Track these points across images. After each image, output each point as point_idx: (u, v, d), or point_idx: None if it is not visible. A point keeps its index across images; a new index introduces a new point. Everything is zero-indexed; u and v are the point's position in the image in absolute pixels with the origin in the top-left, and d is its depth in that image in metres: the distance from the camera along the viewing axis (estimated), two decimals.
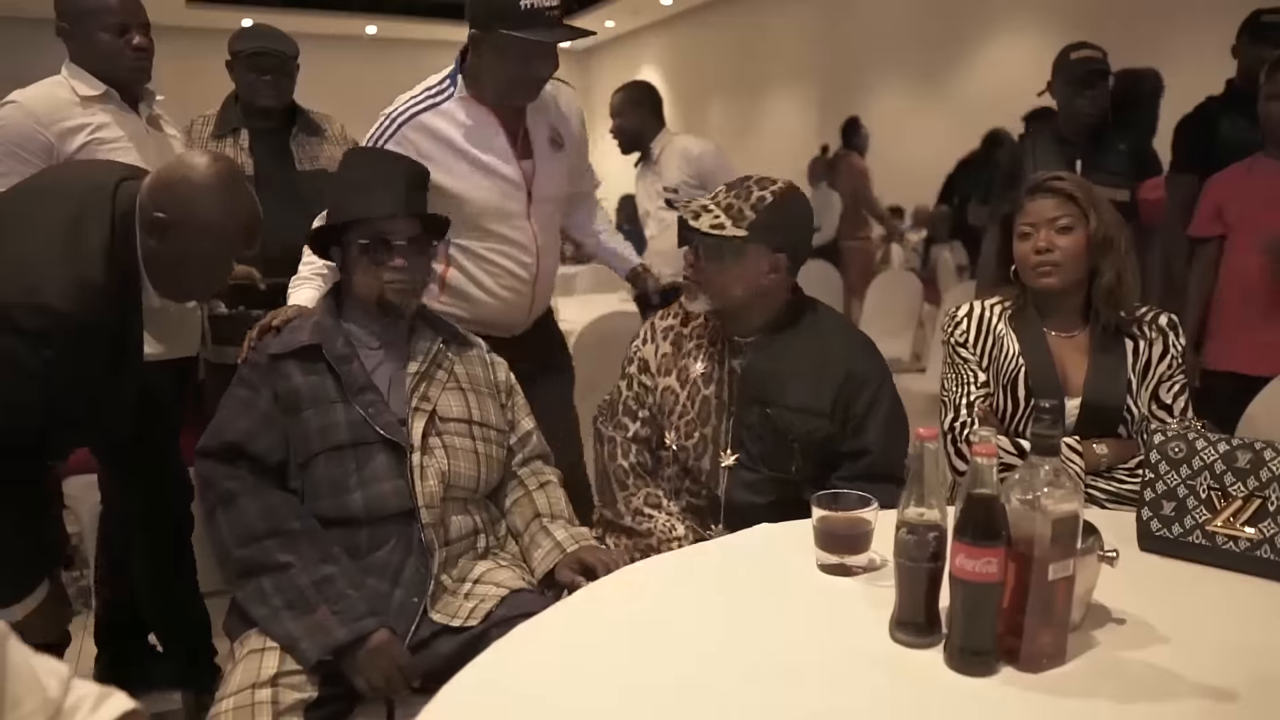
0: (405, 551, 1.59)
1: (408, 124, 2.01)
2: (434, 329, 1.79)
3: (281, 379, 1.63)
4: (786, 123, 10.93)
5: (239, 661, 1.47)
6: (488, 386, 1.80)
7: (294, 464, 1.60)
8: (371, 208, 1.69)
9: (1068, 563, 1.08)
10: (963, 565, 1.06)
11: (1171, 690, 1.05)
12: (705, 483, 1.78)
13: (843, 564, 1.35)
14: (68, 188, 1.70)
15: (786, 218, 1.74)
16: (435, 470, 1.63)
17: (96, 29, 2.17)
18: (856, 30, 9.93)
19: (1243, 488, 1.38)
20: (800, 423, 1.73)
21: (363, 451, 1.60)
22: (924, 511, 1.12)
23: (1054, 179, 1.86)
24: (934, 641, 1.13)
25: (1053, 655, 1.10)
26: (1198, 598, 1.31)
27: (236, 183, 1.71)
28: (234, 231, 1.69)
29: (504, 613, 1.54)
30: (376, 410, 1.62)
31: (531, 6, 1.88)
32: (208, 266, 1.73)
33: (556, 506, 1.78)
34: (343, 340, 1.68)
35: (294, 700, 1.41)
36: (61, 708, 0.82)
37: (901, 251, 7.39)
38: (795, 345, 1.77)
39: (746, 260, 1.72)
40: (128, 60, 2.20)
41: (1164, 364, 1.84)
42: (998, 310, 1.94)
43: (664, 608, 1.27)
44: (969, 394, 1.89)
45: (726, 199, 1.74)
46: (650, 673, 1.09)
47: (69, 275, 1.55)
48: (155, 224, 1.63)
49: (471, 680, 1.07)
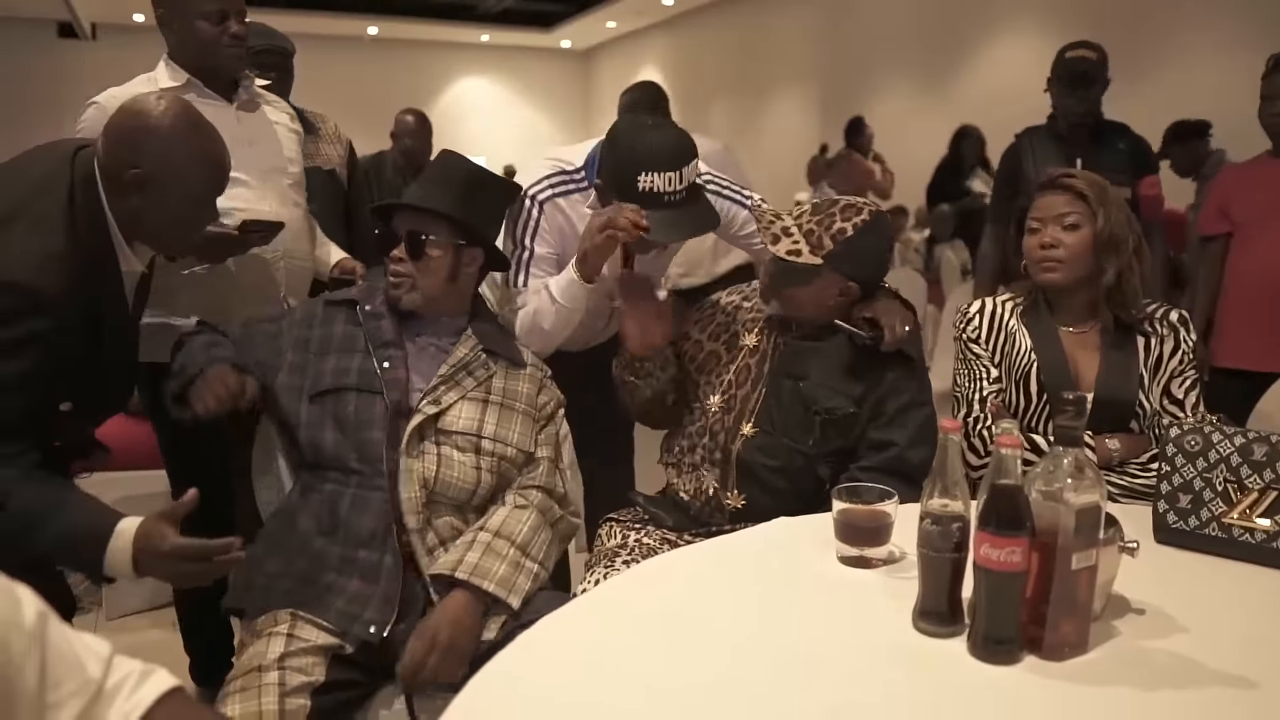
0: (381, 549, 1.58)
1: (549, 202, 1.97)
2: (480, 338, 1.77)
3: (325, 323, 1.74)
4: (788, 123, 10.94)
5: (248, 645, 1.49)
6: (527, 404, 1.76)
7: (305, 395, 1.67)
8: (404, 195, 1.76)
9: (1091, 553, 1.09)
10: (987, 555, 1.07)
11: (1193, 679, 1.06)
12: (722, 440, 1.80)
13: (863, 556, 1.36)
14: (27, 166, 1.64)
15: (864, 251, 1.74)
16: (417, 475, 1.62)
17: (195, 17, 2.12)
18: (858, 30, 9.94)
19: (1259, 480, 1.39)
20: (825, 397, 1.74)
21: (364, 398, 1.66)
22: (948, 503, 1.13)
23: (1067, 175, 1.87)
24: (957, 631, 1.14)
25: (1075, 644, 1.11)
26: (1215, 589, 1.33)
27: (196, 117, 1.65)
28: (214, 171, 1.65)
29: (525, 619, 1.53)
30: (392, 365, 1.68)
31: (650, 190, 1.75)
32: (197, 209, 1.67)
33: (507, 527, 1.64)
34: (381, 300, 1.75)
35: (300, 682, 1.42)
36: (103, 688, 0.82)
37: (904, 251, 7.39)
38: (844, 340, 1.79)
39: (818, 285, 1.73)
40: (225, 48, 2.15)
41: (1175, 359, 1.86)
42: (1009, 306, 1.95)
43: (686, 601, 1.28)
44: (982, 389, 1.90)
45: (809, 224, 1.73)
46: (674, 667, 1.10)
47: (34, 248, 1.49)
48: (133, 181, 1.56)
49: (494, 677, 1.07)
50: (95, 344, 1.61)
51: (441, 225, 1.72)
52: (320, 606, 1.53)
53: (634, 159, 1.75)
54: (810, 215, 1.75)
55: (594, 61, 15.77)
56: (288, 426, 1.70)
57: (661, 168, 1.73)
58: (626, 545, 1.78)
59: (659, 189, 1.74)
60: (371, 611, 1.53)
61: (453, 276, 1.75)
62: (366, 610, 1.53)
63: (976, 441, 1.86)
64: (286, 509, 1.69)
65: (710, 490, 1.79)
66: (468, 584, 1.55)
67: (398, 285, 1.72)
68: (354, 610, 1.53)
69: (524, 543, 1.63)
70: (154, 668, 0.87)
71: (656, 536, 1.81)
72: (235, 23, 2.15)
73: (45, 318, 1.46)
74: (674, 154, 1.75)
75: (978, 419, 1.88)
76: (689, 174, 1.77)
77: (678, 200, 1.77)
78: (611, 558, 1.74)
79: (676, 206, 1.77)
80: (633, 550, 1.76)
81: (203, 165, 1.63)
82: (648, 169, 1.73)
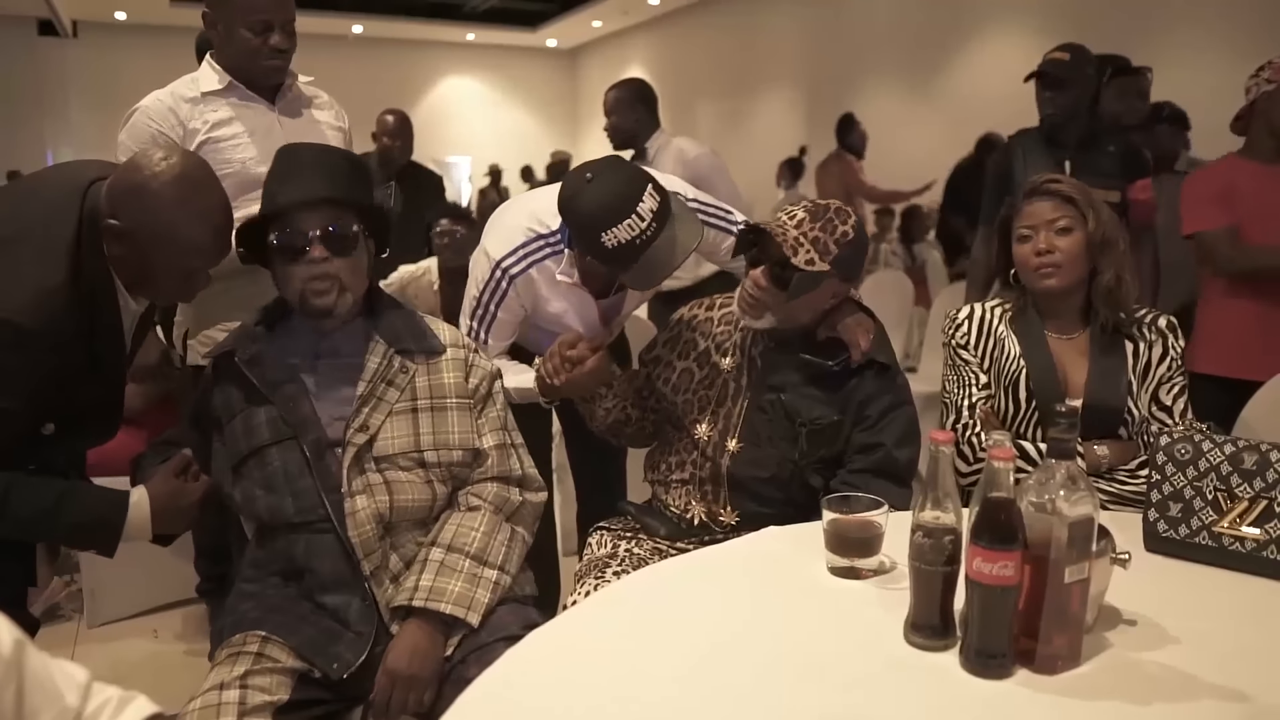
0: (349, 593, 1.54)
1: (521, 276, 1.94)
2: (390, 339, 1.63)
3: (222, 388, 1.62)
4: (775, 123, 10.96)
5: (214, 665, 1.46)
6: (458, 396, 1.65)
7: (227, 473, 1.60)
8: (279, 199, 1.56)
9: (1083, 565, 1.08)
10: (979, 568, 1.07)
11: (1186, 691, 1.06)
12: (711, 455, 1.79)
13: (853, 567, 1.35)
14: (43, 187, 1.61)
15: (860, 251, 1.74)
16: (370, 513, 1.53)
17: (239, 25, 2.11)
18: (846, 31, 9.97)
19: (1249, 489, 1.39)
20: (808, 408, 1.74)
21: (284, 449, 1.55)
22: (940, 515, 1.12)
23: (1051, 181, 1.86)
24: (949, 644, 1.13)
25: (1068, 657, 1.10)
26: (1206, 599, 1.32)
27: (199, 183, 1.55)
28: (200, 236, 1.55)
29: (483, 638, 1.52)
30: (295, 404, 1.56)
31: (620, 243, 1.68)
32: (178, 271, 1.58)
33: (459, 539, 1.57)
34: (253, 340, 1.62)
35: (261, 702, 1.39)
36: (81, 716, 0.81)
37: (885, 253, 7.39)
38: (818, 341, 1.78)
39: (820, 291, 1.72)
40: (263, 60, 2.14)
41: (1164, 366, 1.86)
42: (998, 312, 1.95)
43: (675, 611, 1.27)
44: (970, 396, 1.90)
45: (813, 231, 1.69)
46: (663, 677, 1.09)
47: (32, 284, 1.45)
48: (110, 231, 1.51)
49: (482, 693, 1.06)
50: (85, 377, 1.58)
51: (351, 214, 1.59)
52: (290, 631, 1.50)
53: (589, 224, 1.70)
54: (810, 222, 1.72)
55: (580, 61, 15.76)
56: (236, 509, 1.63)
57: (617, 220, 1.67)
58: (617, 555, 1.77)
59: (626, 239, 1.68)
60: (341, 648, 1.50)
61: (369, 270, 1.64)
62: (336, 645, 1.50)
63: (965, 449, 1.85)
64: (251, 562, 1.64)
65: (701, 515, 1.79)
66: (424, 609, 1.50)
67: (324, 292, 1.55)
68: (324, 641, 1.50)
69: (478, 551, 1.57)
70: (133, 694, 0.85)
71: (647, 546, 1.80)
72: (279, 34, 2.15)
73: (22, 353, 1.43)
74: (623, 198, 1.68)
75: (967, 425, 1.87)
76: (647, 205, 1.69)
77: (650, 235, 1.70)
78: (602, 568, 1.73)
79: (652, 240, 1.71)
80: (623, 560, 1.75)
81: (187, 234, 1.54)
82: (605, 227, 1.67)
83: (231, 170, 2.08)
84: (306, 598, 1.55)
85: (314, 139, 2.24)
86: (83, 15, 11.90)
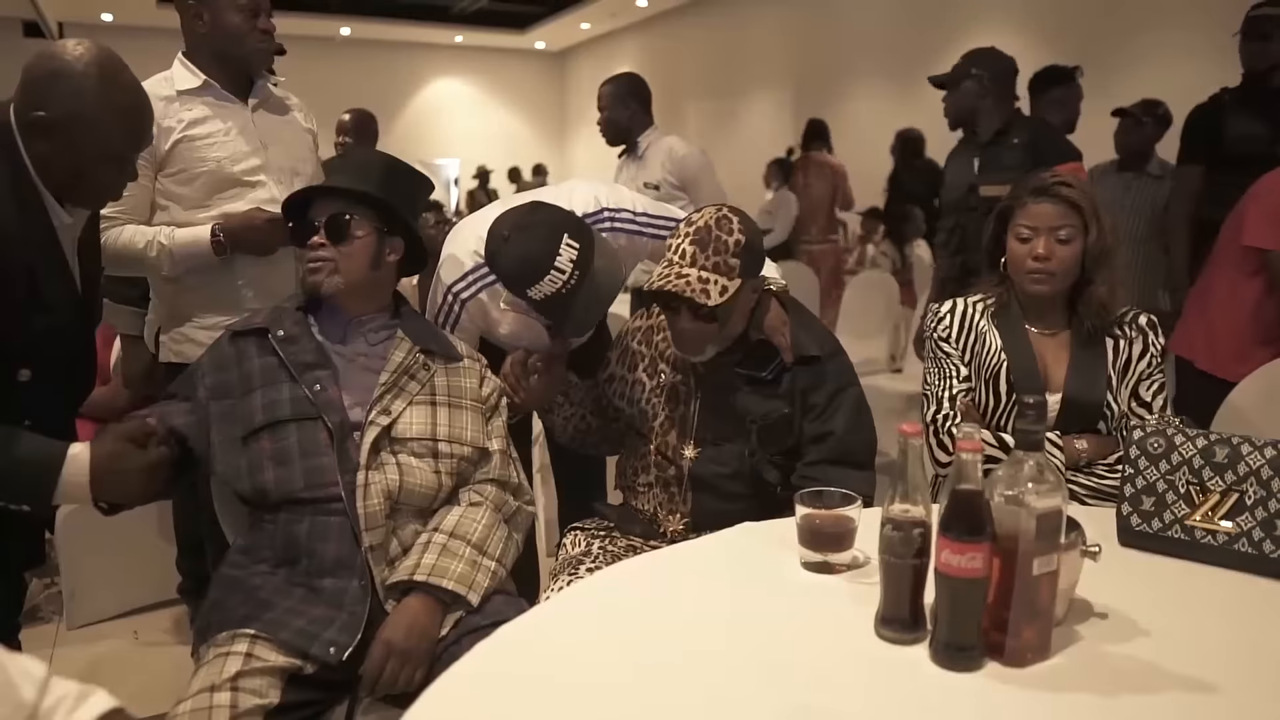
0: (349, 575, 1.54)
1: (472, 300, 1.97)
2: (414, 339, 1.72)
3: (240, 361, 1.65)
4: (762, 125, 10.97)
5: (202, 664, 1.44)
6: (473, 399, 1.73)
7: (239, 440, 1.59)
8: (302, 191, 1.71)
9: (1052, 558, 1.08)
10: (948, 561, 1.06)
11: (1155, 684, 1.06)
12: (672, 458, 1.81)
13: (826, 561, 1.34)
14: None
15: (755, 245, 1.71)
16: (380, 488, 1.57)
17: (227, 8, 2.11)
18: (833, 33, 9.98)
19: (1220, 482, 1.39)
20: (757, 404, 1.75)
21: (305, 427, 1.59)
22: (909, 508, 1.12)
23: (1061, 184, 1.83)
24: (919, 638, 1.13)
25: (1037, 650, 1.10)
26: (1178, 592, 1.32)
27: (118, 64, 1.57)
28: (129, 116, 1.57)
29: (478, 620, 1.53)
30: (322, 387, 1.61)
31: (545, 296, 1.70)
32: (109, 159, 1.58)
33: (462, 527, 1.61)
34: (292, 322, 1.68)
35: (252, 705, 1.38)
36: (38, 710, 0.80)
37: (873, 251, 7.40)
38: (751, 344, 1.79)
39: (740, 301, 1.71)
40: (254, 43, 2.15)
41: (1143, 362, 1.86)
42: (980, 307, 1.95)
43: (648, 605, 1.26)
44: (951, 387, 1.90)
45: (710, 259, 1.65)
46: (634, 673, 1.08)
47: None
48: (36, 125, 1.50)
49: (452, 685, 1.06)
50: (34, 300, 1.55)
51: (363, 208, 1.68)
52: (278, 627, 1.48)
53: (513, 281, 1.73)
54: (701, 252, 1.65)
55: (568, 63, 15.76)
56: (230, 479, 1.61)
57: (538, 276, 1.67)
58: (590, 553, 1.76)
59: (550, 291, 1.69)
60: (334, 632, 1.49)
61: (375, 264, 1.69)
62: (328, 631, 1.49)
63: (945, 439, 1.85)
64: (241, 548, 1.63)
65: (670, 520, 1.81)
66: (425, 585, 1.52)
67: (316, 270, 1.65)
68: (314, 630, 1.49)
69: (480, 541, 1.60)
70: (92, 688, 0.84)
71: (622, 544, 1.80)
72: (265, 17, 2.17)
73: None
74: (540, 254, 1.67)
75: (947, 416, 1.88)
76: (566, 256, 1.67)
77: (574, 283, 1.69)
78: (576, 565, 1.72)
79: (579, 287, 1.70)
80: (597, 558, 1.75)
81: (116, 116, 1.55)
82: (528, 285, 1.69)
83: (206, 169, 2.08)
84: (299, 583, 1.55)
85: (288, 138, 2.25)
86: (69, 17, 11.84)
